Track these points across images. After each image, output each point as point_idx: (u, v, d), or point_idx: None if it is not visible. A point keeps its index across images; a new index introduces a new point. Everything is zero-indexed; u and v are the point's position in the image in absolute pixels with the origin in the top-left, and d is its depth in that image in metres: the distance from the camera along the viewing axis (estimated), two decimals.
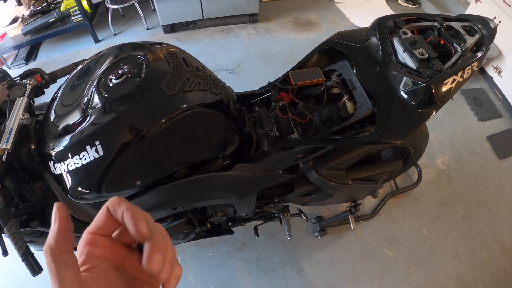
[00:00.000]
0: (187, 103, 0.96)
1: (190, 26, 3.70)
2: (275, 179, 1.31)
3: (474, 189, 2.45)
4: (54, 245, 0.34)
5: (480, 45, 1.16)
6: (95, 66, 1.06)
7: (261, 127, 1.30)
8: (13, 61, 3.53)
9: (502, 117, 2.91)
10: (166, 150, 0.97)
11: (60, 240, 0.35)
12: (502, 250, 2.17)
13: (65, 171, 0.93)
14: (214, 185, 1.15)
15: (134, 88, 0.92)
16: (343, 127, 1.20)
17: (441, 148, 2.67)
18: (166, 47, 1.09)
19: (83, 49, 3.60)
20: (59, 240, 0.35)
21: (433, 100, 1.04)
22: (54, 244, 0.34)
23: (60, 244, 0.35)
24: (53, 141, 0.95)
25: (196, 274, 2.06)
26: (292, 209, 1.88)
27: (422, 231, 2.24)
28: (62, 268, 0.33)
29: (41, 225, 1.11)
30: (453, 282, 2.04)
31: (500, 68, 2.95)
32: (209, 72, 1.15)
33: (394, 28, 1.20)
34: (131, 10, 3.85)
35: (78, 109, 0.96)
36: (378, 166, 1.64)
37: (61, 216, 0.36)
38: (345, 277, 2.06)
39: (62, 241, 0.35)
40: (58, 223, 0.36)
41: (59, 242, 0.35)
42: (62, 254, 0.34)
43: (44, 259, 0.35)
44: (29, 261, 0.95)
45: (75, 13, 3.38)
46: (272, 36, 3.66)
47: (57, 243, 0.35)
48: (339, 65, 1.35)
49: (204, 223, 1.62)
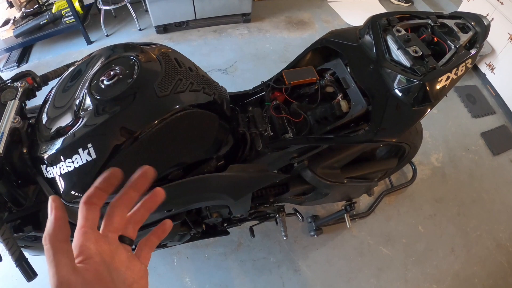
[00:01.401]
0: (180, 104, 0.95)
1: (183, 27, 3.68)
2: (270, 179, 1.30)
3: (468, 186, 2.46)
4: (52, 232, 0.36)
5: (474, 42, 1.17)
6: (86, 67, 1.04)
7: (255, 127, 1.30)
8: (5, 64, 3.49)
9: (495, 114, 2.93)
10: (159, 151, 0.96)
11: (56, 228, 0.37)
12: (498, 245, 2.18)
13: (57, 175, 0.92)
14: (209, 187, 1.14)
15: (126, 90, 0.91)
16: (337, 126, 1.20)
17: (436, 146, 2.68)
18: (158, 47, 1.08)
19: (75, 51, 3.56)
20: (56, 228, 0.37)
21: (427, 98, 1.04)
22: (51, 232, 0.36)
23: (56, 232, 0.37)
24: (45, 144, 0.94)
25: (192, 276, 2.05)
26: (288, 208, 1.87)
27: (417, 228, 2.25)
28: (58, 254, 0.35)
29: (35, 229, 1.10)
30: (450, 279, 2.05)
31: (493, 65, 2.97)
32: (202, 72, 1.14)
33: (388, 26, 1.20)
34: (123, 11, 3.82)
35: (70, 111, 0.95)
36: (373, 164, 1.64)
37: (57, 206, 0.38)
38: (341, 276, 2.06)
39: (58, 229, 0.37)
40: (55, 212, 0.38)
41: (56, 230, 0.37)
42: (59, 241, 0.36)
43: (39, 264, 0.36)
44: (23, 267, 0.94)
45: (67, 15, 3.35)
46: (265, 35, 3.66)
47: (54, 230, 0.37)
48: (332, 63, 1.35)
49: (199, 224, 1.61)
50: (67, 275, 0.35)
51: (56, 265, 0.35)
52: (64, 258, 0.36)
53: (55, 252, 0.35)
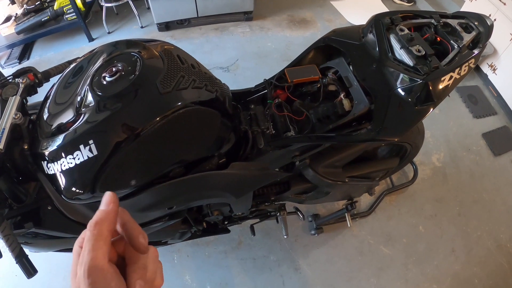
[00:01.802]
0: (182, 101, 0.95)
1: (185, 24, 3.68)
2: (271, 177, 1.30)
3: (469, 186, 2.45)
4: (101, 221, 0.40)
5: (477, 42, 1.16)
6: (88, 64, 1.04)
7: (257, 125, 1.29)
8: (7, 60, 3.50)
9: (497, 114, 2.93)
10: (161, 149, 0.95)
11: (108, 219, 0.41)
12: (498, 246, 2.18)
13: (58, 171, 0.91)
14: (210, 184, 1.14)
15: (128, 86, 0.91)
16: (339, 124, 1.19)
17: (437, 145, 2.67)
18: (160, 44, 1.08)
19: (76, 48, 3.57)
20: (108, 219, 0.41)
21: (430, 97, 1.03)
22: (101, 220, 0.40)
23: (107, 222, 0.40)
24: (46, 140, 0.93)
25: (192, 274, 2.05)
26: (289, 207, 1.87)
27: (418, 228, 2.25)
28: (101, 241, 0.38)
29: (35, 226, 1.09)
30: (450, 279, 2.05)
31: (495, 66, 2.96)
32: (204, 70, 1.13)
33: (391, 25, 1.19)
34: (125, 8, 3.83)
35: (72, 107, 0.94)
36: (374, 163, 1.64)
37: (114, 201, 0.43)
38: (342, 275, 2.06)
39: (109, 221, 0.41)
40: (112, 206, 0.42)
41: (107, 220, 0.41)
42: (106, 230, 0.40)
43: (39, 260, 0.37)
44: (23, 263, 0.94)
45: (69, 12, 3.35)
46: (267, 34, 3.65)
47: (106, 220, 0.40)
48: (335, 62, 1.34)
49: (200, 222, 1.61)
50: (102, 261, 0.37)
51: (95, 250, 0.37)
52: (105, 246, 0.39)
53: (98, 238, 0.39)
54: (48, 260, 2.07)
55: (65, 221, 1.14)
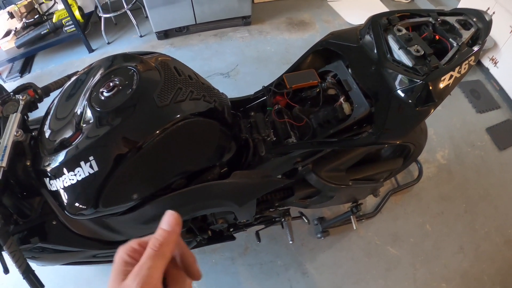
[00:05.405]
0: (180, 113, 0.95)
1: (183, 32, 3.68)
2: (274, 184, 1.30)
3: (475, 182, 2.44)
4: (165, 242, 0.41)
5: (476, 39, 1.15)
6: (87, 78, 1.04)
7: (257, 132, 1.28)
8: (8, 74, 3.52)
9: (500, 108, 2.91)
10: (162, 162, 0.95)
11: (170, 241, 0.42)
12: (506, 242, 2.16)
13: (61, 188, 0.92)
14: (213, 194, 1.14)
15: (126, 101, 0.91)
16: (340, 129, 1.19)
17: (441, 143, 2.66)
18: (157, 56, 1.08)
19: (77, 59, 3.58)
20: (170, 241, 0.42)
21: (430, 98, 1.03)
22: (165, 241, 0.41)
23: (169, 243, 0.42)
24: (48, 157, 0.94)
25: (200, 281, 2.04)
26: (293, 211, 1.86)
27: (425, 227, 2.23)
28: (160, 261, 0.40)
29: (41, 241, 1.10)
30: (459, 277, 2.03)
31: (496, 59, 2.95)
32: (202, 80, 1.13)
33: (388, 26, 1.19)
34: (124, 18, 3.83)
35: (71, 124, 0.95)
36: (378, 165, 1.63)
37: (178, 223, 0.44)
38: (349, 278, 2.05)
39: (171, 243, 0.42)
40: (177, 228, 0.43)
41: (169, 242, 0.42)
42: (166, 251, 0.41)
43: (45, 275, 0.37)
44: (30, 279, 0.94)
45: (68, 24, 3.36)
46: (266, 37, 3.65)
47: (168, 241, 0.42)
48: (334, 65, 1.34)
49: (205, 230, 1.61)
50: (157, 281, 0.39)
51: (154, 268, 0.39)
52: (163, 267, 0.40)
53: (160, 258, 0.40)
54: (54, 273, 2.07)
55: (70, 235, 1.14)
